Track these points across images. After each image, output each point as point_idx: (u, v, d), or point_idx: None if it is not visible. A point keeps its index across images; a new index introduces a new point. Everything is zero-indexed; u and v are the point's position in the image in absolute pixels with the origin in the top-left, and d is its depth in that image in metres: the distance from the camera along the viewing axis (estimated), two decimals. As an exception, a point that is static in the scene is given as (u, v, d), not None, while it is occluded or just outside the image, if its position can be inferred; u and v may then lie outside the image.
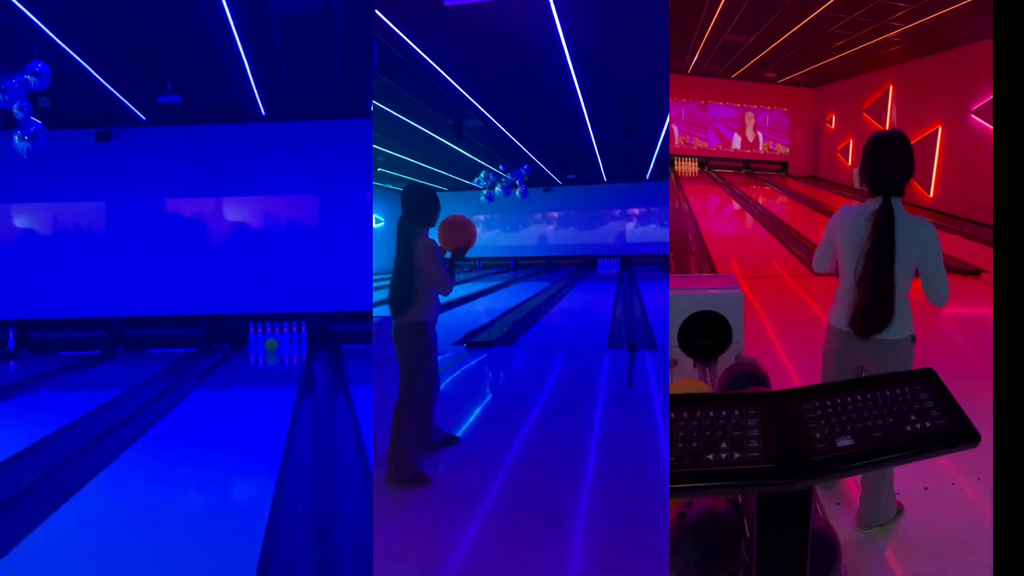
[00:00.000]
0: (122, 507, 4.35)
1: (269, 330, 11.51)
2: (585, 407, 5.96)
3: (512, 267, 25.08)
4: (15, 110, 7.14)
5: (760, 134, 22.66)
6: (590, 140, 15.00)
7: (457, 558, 3.30)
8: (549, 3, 7.02)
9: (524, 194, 16.70)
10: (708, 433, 1.67)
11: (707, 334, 3.75)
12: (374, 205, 23.90)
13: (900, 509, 3.22)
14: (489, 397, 6.39)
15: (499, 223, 25.40)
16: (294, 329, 11.48)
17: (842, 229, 3.13)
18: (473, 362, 7.79)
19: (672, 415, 1.74)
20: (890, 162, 3.00)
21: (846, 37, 14.35)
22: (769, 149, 22.78)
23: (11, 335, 11.34)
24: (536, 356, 8.13)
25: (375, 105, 10.94)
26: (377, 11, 7.04)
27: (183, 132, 11.44)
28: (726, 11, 12.72)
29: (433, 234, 4.27)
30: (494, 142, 14.80)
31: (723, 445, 1.62)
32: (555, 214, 25.14)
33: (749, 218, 15.49)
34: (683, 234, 12.37)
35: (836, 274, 3.24)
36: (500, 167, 15.99)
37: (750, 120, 22.46)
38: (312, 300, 11.37)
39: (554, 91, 10.51)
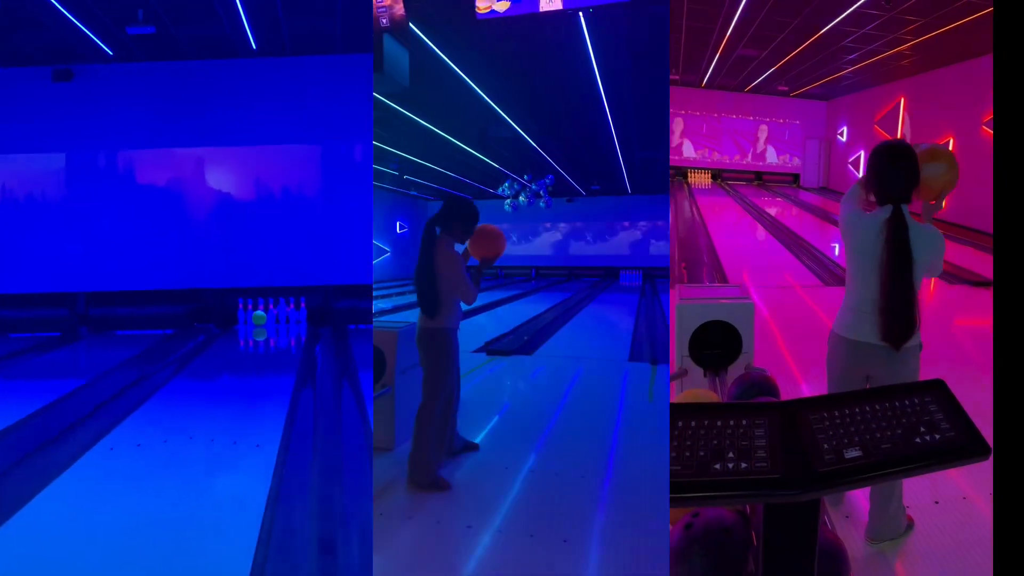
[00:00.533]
0: (81, 517, 3.71)
1: (261, 307, 9.85)
2: (604, 420, 5.90)
3: (533, 276, 24.91)
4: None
5: (772, 146, 22.60)
6: (615, 151, 14.97)
7: (473, 563, 3.29)
8: (579, 17, 7.11)
9: (548, 204, 16.68)
10: (715, 442, 1.65)
11: (717, 344, 3.72)
12: (399, 212, 24.05)
13: (910, 523, 3.16)
14: (502, 409, 6.34)
15: (522, 232, 25.32)
16: (291, 306, 9.92)
17: (853, 234, 3.08)
18: (492, 371, 7.75)
19: (680, 424, 1.72)
20: (898, 170, 2.99)
21: (858, 50, 14.29)
22: (782, 161, 22.71)
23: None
24: (556, 366, 8.05)
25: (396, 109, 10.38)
26: (410, 24, 7.05)
27: (157, 70, 9.72)
28: (740, 26, 12.74)
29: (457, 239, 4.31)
30: (519, 152, 14.76)
31: (730, 455, 1.60)
32: (578, 224, 25.01)
33: (761, 229, 15.41)
34: (695, 245, 12.32)
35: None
36: (525, 176, 15.94)
37: (763, 132, 22.40)
38: (313, 272, 9.75)
39: (580, 102, 10.50)
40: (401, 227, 24.19)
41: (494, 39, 7.77)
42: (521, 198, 16.51)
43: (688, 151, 22.40)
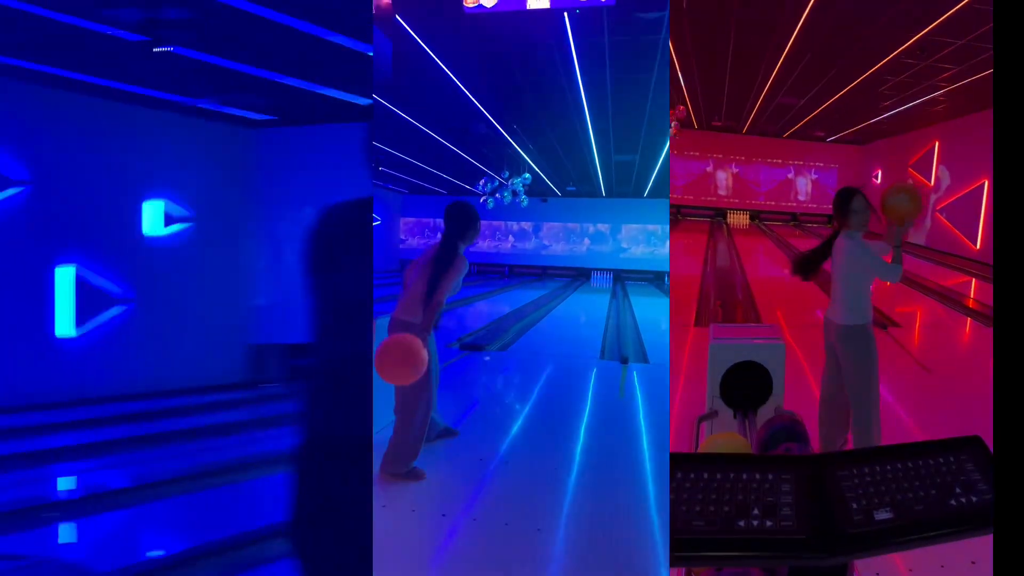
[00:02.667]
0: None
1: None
2: (574, 414, 5.88)
3: (507, 274, 24.38)
4: None
5: (809, 189, 22.30)
6: (592, 154, 14.62)
7: (448, 552, 3.19)
8: (564, 18, 6.89)
9: (524, 202, 16.00)
10: (741, 497, 1.52)
11: (748, 385, 3.56)
12: (375, 205, 23.11)
13: None
14: (475, 403, 6.27)
15: (496, 229, 24.74)
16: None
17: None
18: (465, 365, 7.61)
19: (705, 475, 1.60)
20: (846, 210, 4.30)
21: (893, 97, 14.02)
22: (817, 203, 22.38)
23: None
24: (528, 362, 7.91)
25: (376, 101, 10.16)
26: (397, 16, 6.90)
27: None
28: (780, 76, 12.64)
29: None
30: (497, 149, 14.32)
31: (755, 511, 1.47)
32: (553, 224, 24.28)
33: (796, 268, 15.05)
34: (731, 284, 12.08)
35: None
36: (503, 174, 15.42)
37: (799, 176, 22.16)
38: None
39: (560, 103, 10.22)
40: (376, 219, 23.63)
41: (478, 32, 7.48)
42: (498, 195, 15.78)
43: (727, 192, 22.24)
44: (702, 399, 3.84)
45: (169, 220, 8.78)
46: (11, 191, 7.62)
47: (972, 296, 10.98)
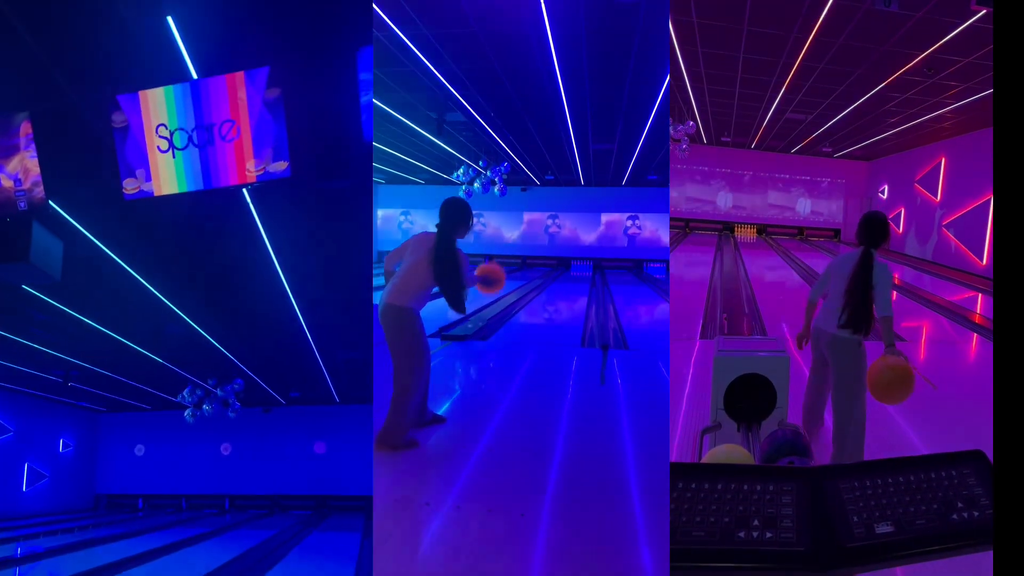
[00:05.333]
0: None
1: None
2: (556, 401, 5.89)
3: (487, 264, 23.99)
4: None
5: (815, 204, 22.26)
6: (570, 142, 14.32)
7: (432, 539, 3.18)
8: (540, 2, 6.67)
9: (503, 192, 15.60)
10: (741, 508, 1.49)
11: (752, 398, 3.52)
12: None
13: None
14: (458, 392, 6.27)
15: (476, 219, 24.34)
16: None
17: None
18: (446, 355, 7.57)
19: (706, 485, 1.57)
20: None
21: (900, 114, 13.97)
22: (823, 217, 22.32)
23: None
24: (510, 351, 7.85)
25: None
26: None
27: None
28: (788, 93, 12.63)
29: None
30: (474, 137, 13.91)
31: (755, 523, 1.45)
32: (532, 214, 23.73)
33: (801, 281, 15.02)
34: (737, 297, 12.03)
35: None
36: (480, 163, 15.02)
37: (806, 191, 22.13)
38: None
39: (538, 91, 9.95)
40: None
41: (453, 18, 7.16)
42: (476, 185, 15.31)
43: (735, 207, 22.20)
44: (706, 412, 3.82)
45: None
46: None
47: (978, 311, 10.89)
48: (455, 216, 4.72)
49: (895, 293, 4.50)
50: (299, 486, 16.62)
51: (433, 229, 4.79)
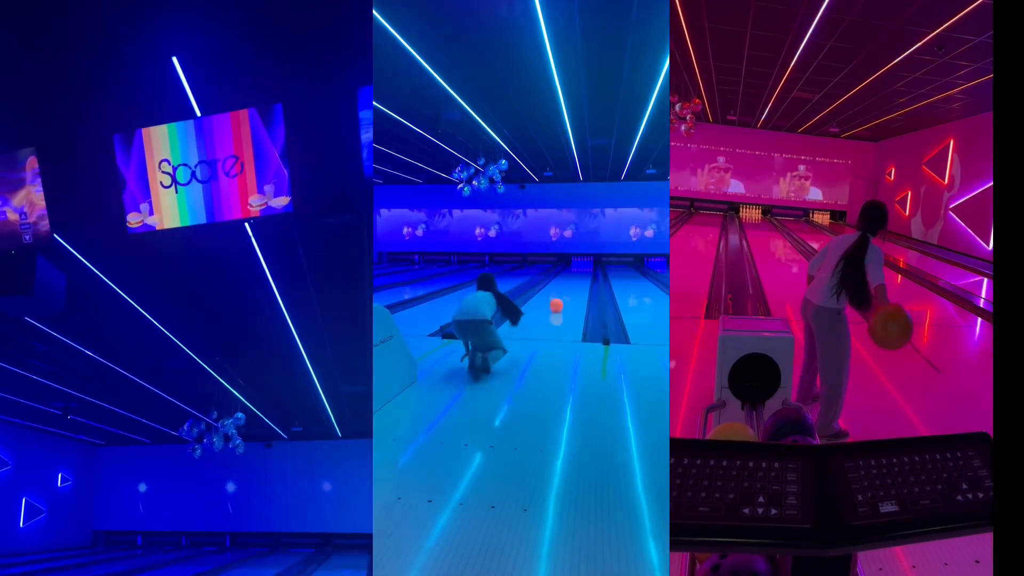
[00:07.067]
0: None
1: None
2: (559, 396, 5.92)
3: (487, 263, 23.89)
4: None
5: (821, 184, 22.15)
6: (568, 138, 14.31)
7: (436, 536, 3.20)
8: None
9: (502, 189, 15.46)
10: (747, 484, 1.50)
11: (756, 377, 3.54)
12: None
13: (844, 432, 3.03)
14: (464, 387, 6.30)
15: (475, 218, 24.25)
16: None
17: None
18: (448, 354, 7.60)
19: (711, 462, 1.58)
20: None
21: (909, 94, 13.84)
22: (829, 199, 22.22)
23: None
24: (513, 348, 7.83)
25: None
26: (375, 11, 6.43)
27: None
28: (795, 71, 12.49)
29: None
30: (472, 136, 13.90)
31: (760, 499, 1.45)
32: (531, 210, 23.70)
33: (806, 263, 14.98)
34: (742, 277, 12.01)
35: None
36: (478, 161, 14.91)
37: (812, 171, 22.00)
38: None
39: (535, 87, 9.92)
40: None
41: (450, 18, 7.18)
42: (474, 183, 15.19)
43: (740, 188, 22.10)
44: (711, 391, 3.82)
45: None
46: None
47: (983, 296, 10.87)
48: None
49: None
50: (302, 523, 16.08)
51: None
